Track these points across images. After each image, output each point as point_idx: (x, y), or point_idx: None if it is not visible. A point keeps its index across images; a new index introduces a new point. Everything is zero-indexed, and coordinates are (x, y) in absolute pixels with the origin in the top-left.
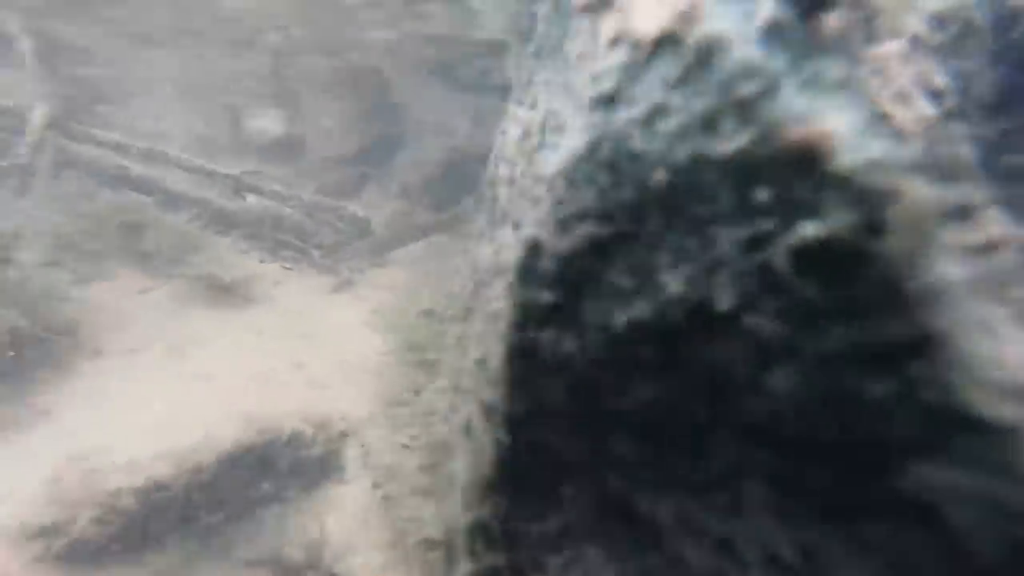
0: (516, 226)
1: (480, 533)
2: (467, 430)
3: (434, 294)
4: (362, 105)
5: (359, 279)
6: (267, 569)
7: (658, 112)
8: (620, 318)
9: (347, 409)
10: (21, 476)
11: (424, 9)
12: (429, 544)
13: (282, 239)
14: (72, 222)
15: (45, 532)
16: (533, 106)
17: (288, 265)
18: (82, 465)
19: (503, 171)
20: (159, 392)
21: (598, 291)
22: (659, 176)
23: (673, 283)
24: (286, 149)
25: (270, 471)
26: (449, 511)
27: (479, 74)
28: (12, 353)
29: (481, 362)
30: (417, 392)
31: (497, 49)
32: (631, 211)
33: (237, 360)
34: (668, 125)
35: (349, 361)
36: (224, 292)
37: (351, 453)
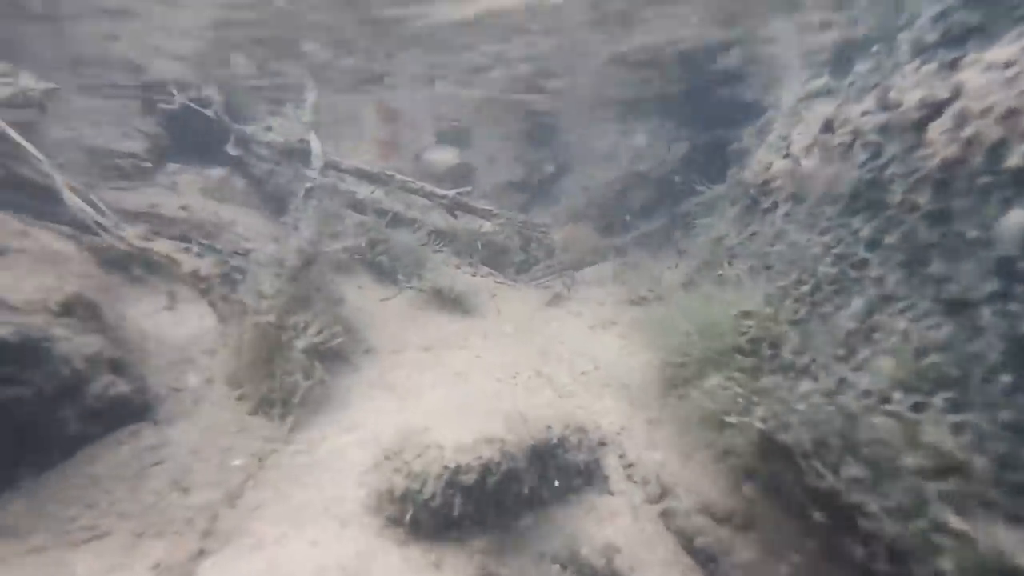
0: None
1: None
2: None
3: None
4: (527, 138)
5: (567, 294)
6: (568, 568)
7: None
8: None
9: (596, 418)
10: (355, 452)
11: None
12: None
13: (483, 255)
14: (330, 239)
15: (397, 499)
16: None
17: (500, 280)
18: (415, 441)
19: None
20: (434, 384)
21: None
22: None
23: None
24: (459, 176)
25: (547, 470)
26: None
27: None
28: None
29: None
30: (744, 407)
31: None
32: None
33: (483, 362)
34: None
35: (583, 371)
36: (449, 301)
37: (610, 462)
